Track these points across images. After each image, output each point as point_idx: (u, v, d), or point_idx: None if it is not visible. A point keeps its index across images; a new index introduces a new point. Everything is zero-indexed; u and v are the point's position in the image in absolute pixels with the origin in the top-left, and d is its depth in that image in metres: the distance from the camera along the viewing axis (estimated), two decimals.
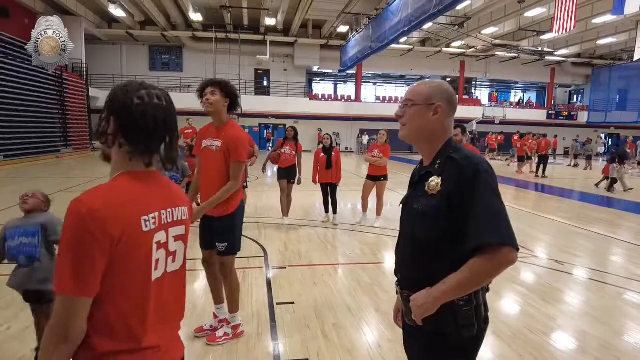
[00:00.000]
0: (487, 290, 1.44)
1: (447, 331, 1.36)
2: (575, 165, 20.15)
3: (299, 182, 6.68)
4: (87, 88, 22.00)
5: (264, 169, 6.83)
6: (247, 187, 6.78)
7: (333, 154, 6.73)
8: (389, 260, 5.05)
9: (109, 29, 23.76)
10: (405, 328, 1.56)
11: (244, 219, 6.72)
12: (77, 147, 20.38)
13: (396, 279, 1.57)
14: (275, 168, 6.83)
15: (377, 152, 6.58)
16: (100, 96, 23.40)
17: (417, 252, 1.43)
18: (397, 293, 1.59)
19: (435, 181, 1.38)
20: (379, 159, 6.53)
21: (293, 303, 3.70)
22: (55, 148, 18.47)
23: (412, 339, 1.52)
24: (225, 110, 2.90)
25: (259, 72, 27.73)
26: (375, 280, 4.33)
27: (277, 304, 3.67)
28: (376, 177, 6.66)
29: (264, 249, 5.34)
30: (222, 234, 2.94)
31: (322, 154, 6.76)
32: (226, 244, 2.93)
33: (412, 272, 1.45)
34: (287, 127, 6.98)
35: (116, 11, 20.02)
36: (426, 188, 1.40)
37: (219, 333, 3.05)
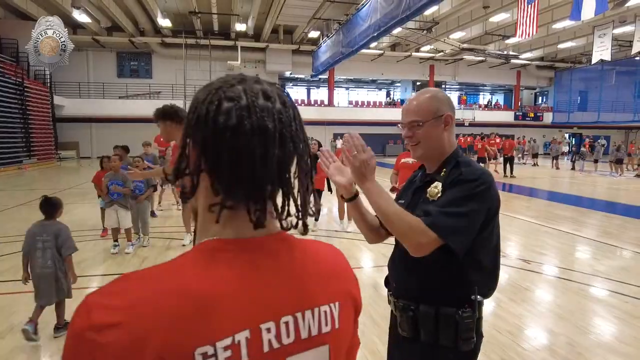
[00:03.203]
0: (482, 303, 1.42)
1: (445, 343, 1.31)
2: (535, 164, 21.53)
3: None
4: (52, 96, 21.25)
5: None
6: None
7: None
8: (362, 265, 5.05)
9: (73, 35, 22.97)
10: (397, 339, 1.47)
11: None
12: (41, 157, 19.62)
13: (387, 289, 1.52)
14: None
15: None
16: (65, 104, 22.61)
17: (414, 259, 1.33)
18: (389, 303, 1.52)
19: (437, 188, 1.36)
20: None
21: None
22: (17, 159, 17.72)
23: (404, 351, 1.44)
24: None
25: None
26: None
27: None
28: None
29: None
30: None
31: None
32: None
33: (409, 280, 1.40)
34: None
35: (81, 17, 19.40)
36: (427, 195, 1.37)
37: None
